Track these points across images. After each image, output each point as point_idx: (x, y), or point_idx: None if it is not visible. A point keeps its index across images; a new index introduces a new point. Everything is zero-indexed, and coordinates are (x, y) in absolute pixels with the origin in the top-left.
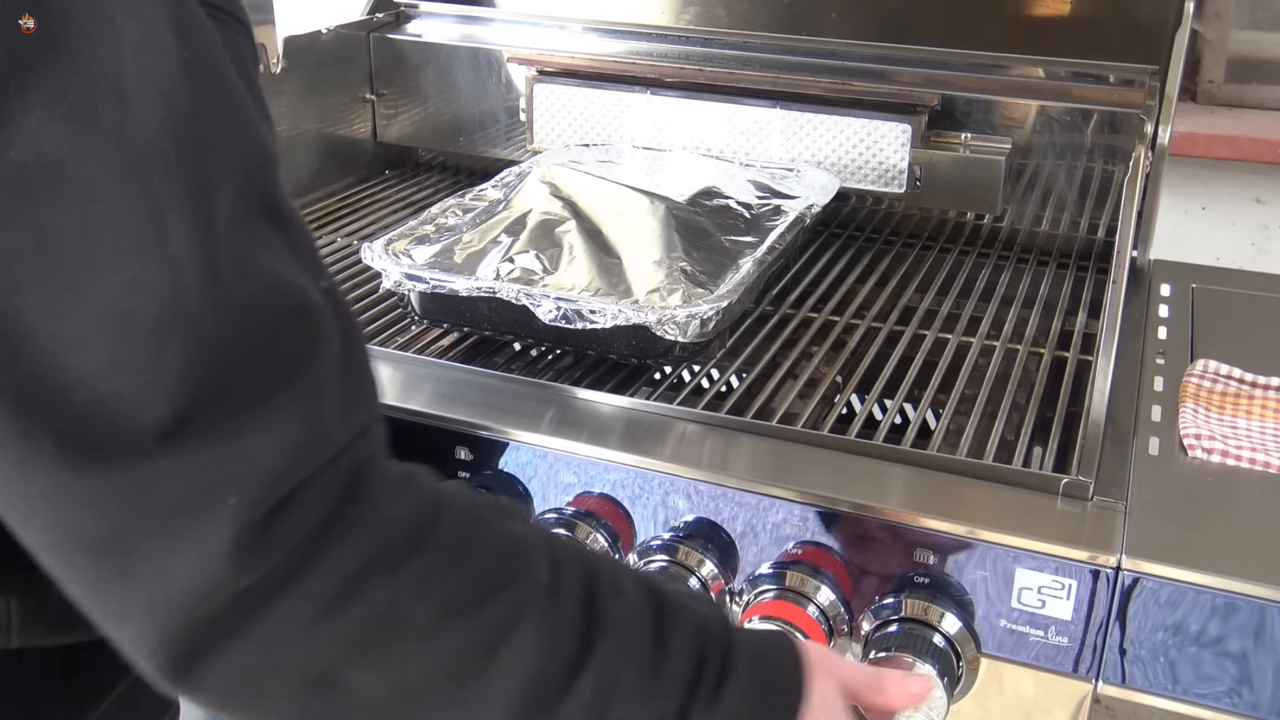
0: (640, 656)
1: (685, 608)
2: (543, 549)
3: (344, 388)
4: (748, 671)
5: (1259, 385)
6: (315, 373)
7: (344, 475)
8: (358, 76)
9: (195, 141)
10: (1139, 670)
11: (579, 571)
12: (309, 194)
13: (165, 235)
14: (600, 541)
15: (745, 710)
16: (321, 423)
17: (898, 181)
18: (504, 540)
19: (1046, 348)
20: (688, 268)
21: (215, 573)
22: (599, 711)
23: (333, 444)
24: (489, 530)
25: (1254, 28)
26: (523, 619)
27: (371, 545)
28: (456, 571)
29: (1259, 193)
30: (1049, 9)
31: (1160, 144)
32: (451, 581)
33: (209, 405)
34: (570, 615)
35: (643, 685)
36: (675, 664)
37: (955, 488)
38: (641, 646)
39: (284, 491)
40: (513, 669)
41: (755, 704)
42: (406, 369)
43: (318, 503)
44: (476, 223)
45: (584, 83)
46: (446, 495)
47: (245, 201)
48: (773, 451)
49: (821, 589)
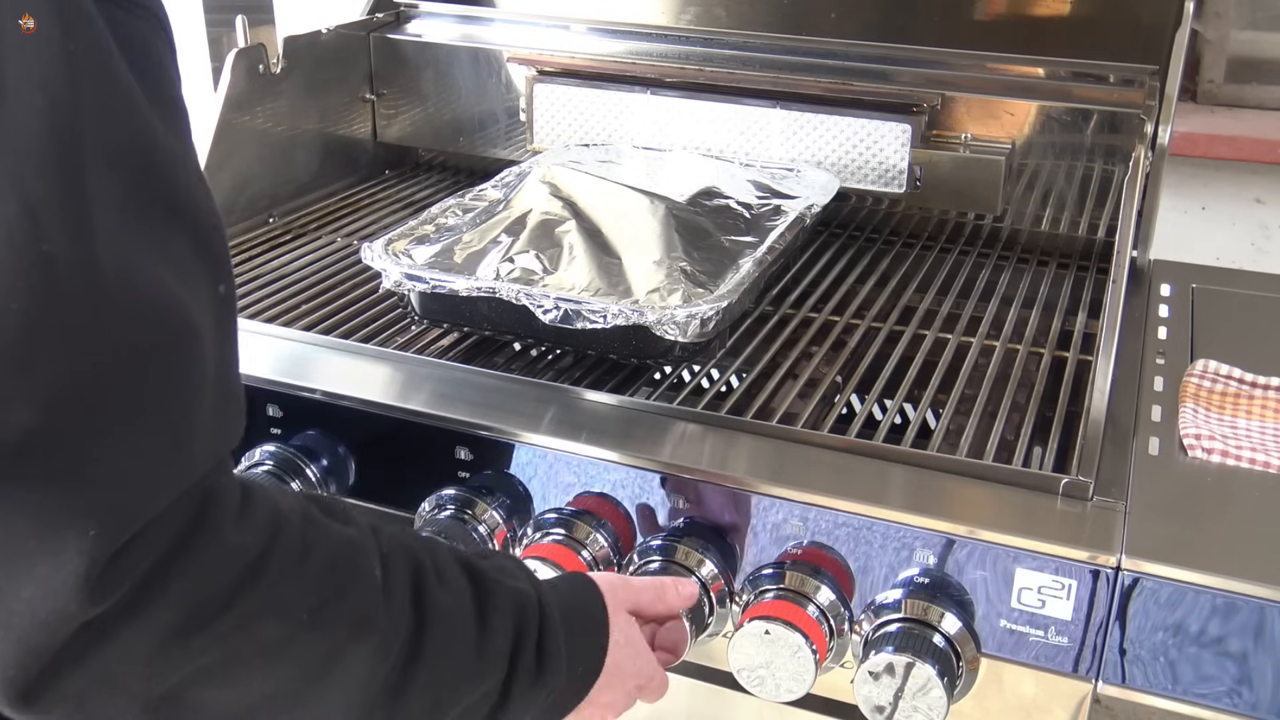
0: (466, 639)
1: (501, 584)
2: (373, 548)
3: (214, 415)
4: (562, 631)
5: (1259, 385)
6: (188, 397)
7: (193, 502)
8: (358, 76)
9: (75, 134)
10: (1139, 670)
11: (407, 564)
12: (309, 194)
13: (39, 231)
14: (600, 541)
15: (561, 669)
16: (189, 453)
17: (898, 181)
18: (338, 546)
19: (1046, 348)
20: (688, 268)
21: (63, 605)
22: (434, 698)
23: (193, 474)
24: (324, 539)
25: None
26: (361, 624)
27: (217, 572)
28: (297, 586)
29: (1259, 193)
30: (1049, 9)
31: (1160, 144)
32: (292, 597)
33: (73, 422)
34: (402, 611)
35: (470, 666)
36: (498, 641)
37: (955, 488)
38: (467, 630)
39: (141, 523)
40: (353, 672)
41: (570, 660)
42: (406, 369)
43: (166, 531)
44: (476, 223)
45: (584, 83)
46: (283, 510)
47: (135, 200)
48: (773, 451)
49: (821, 589)
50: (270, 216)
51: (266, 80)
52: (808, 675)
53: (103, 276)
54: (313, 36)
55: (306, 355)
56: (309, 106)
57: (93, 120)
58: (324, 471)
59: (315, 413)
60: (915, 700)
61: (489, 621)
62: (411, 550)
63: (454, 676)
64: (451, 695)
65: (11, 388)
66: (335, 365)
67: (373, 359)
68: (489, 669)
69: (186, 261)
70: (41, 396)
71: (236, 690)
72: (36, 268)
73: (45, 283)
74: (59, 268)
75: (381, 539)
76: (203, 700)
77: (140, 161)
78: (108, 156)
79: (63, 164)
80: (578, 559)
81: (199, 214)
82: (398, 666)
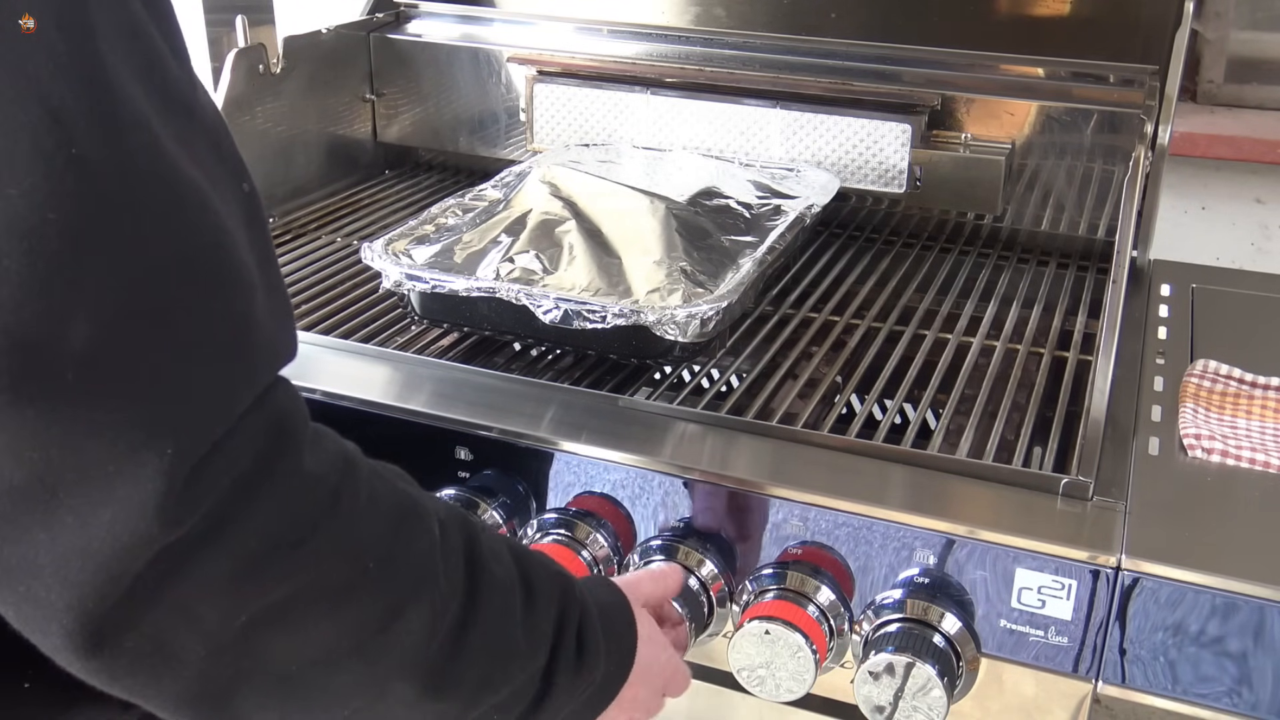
0: (514, 616)
1: (546, 567)
2: (431, 509)
3: (267, 317)
4: (599, 623)
5: (1259, 385)
6: (239, 298)
7: (268, 422)
8: (358, 76)
9: (88, 31)
10: (1139, 670)
11: (461, 531)
12: (309, 194)
13: (66, 135)
14: (600, 541)
15: (599, 660)
16: (250, 357)
17: (898, 181)
18: (402, 497)
19: (1046, 348)
20: (688, 268)
21: (145, 528)
22: (484, 672)
23: (257, 382)
24: (389, 487)
25: (1254, 28)
26: (422, 580)
27: (296, 499)
28: (367, 529)
29: (1259, 193)
30: (1049, 9)
31: (1160, 144)
32: (362, 540)
33: (135, 331)
34: (458, 575)
35: (519, 643)
36: (543, 623)
37: (955, 488)
38: (515, 606)
39: (216, 436)
40: (413, 628)
41: (607, 651)
42: (406, 369)
43: (244, 452)
44: (476, 223)
45: (584, 83)
46: (349, 450)
47: (156, 100)
48: (773, 451)
49: (821, 589)
50: (270, 216)
51: (266, 80)
52: (808, 675)
53: (138, 177)
54: (313, 36)
55: (306, 355)
56: (309, 106)
57: (105, 20)
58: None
59: (315, 413)
60: (915, 700)
61: (535, 602)
62: (465, 519)
63: (503, 652)
64: (501, 672)
65: (67, 301)
66: (335, 365)
67: (373, 359)
68: (536, 649)
69: (209, 162)
70: (96, 306)
71: (301, 636)
72: (69, 172)
73: (80, 187)
74: (92, 169)
75: (437, 503)
76: (268, 649)
77: (152, 61)
78: (124, 56)
79: (80, 62)
80: (578, 559)
81: (212, 117)
82: (453, 631)
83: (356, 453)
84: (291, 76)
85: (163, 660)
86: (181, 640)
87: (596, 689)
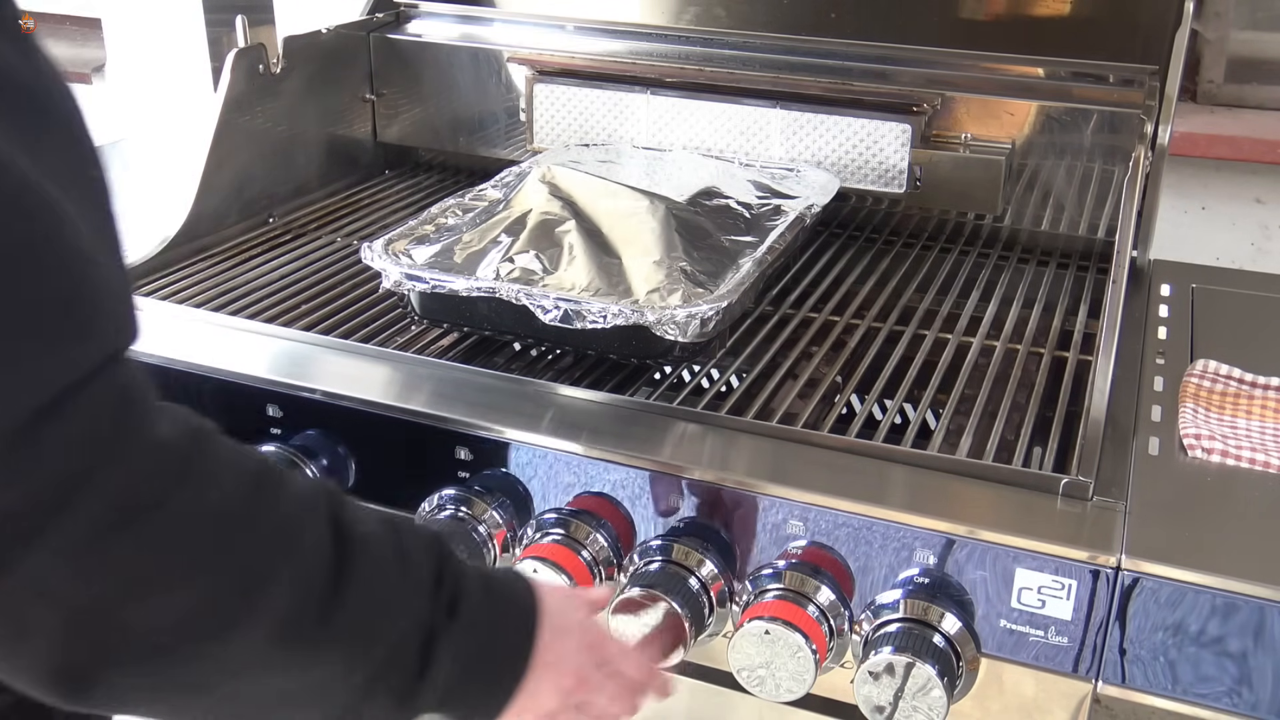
0: (388, 571)
1: (412, 523)
2: (292, 475)
3: (107, 294)
4: (479, 587)
5: (1259, 385)
6: (69, 279)
7: (109, 394)
8: (358, 76)
9: None
10: (1139, 670)
11: (325, 497)
12: (309, 194)
13: None
14: (600, 541)
15: (482, 620)
16: (82, 333)
17: (898, 181)
18: (259, 465)
19: (1046, 348)
20: (688, 268)
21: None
22: (364, 627)
23: (90, 358)
24: (245, 455)
25: (1254, 28)
26: (289, 539)
27: (145, 469)
28: (222, 496)
29: (1259, 193)
30: (1049, 9)
31: (1160, 144)
32: (218, 507)
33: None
34: (325, 539)
35: (393, 598)
36: (419, 575)
37: (955, 488)
38: (387, 556)
39: (38, 404)
40: (283, 589)
41: (490, 616)
42: (406, 369)
43: (82, 420)
44: (476, 223)
45: (584, 83)
46: (197, 419)
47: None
48: (773, 451)
49: (821, 589)
50: (270, 216)
51: (266, 80)
52: (808, 675)
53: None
54: (313, 36)
55: (306, 355)
56: (309, 106)
57: None
58: (324, 471)
59: (315, 413)
60: (915, 700)
61: (409, 565)
62: (329, 486)
63: (382, 604)
64: (381, 625)
65: None
66: (335, 365)
67: (373, 359)
68: (411, 604)
69: (49, 149)
70: None
71: (162, 605)
72: None
73: None
74: None
75: (299, 472)
76: (129, 619)
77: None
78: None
79: None
80: (578, 559)
81: (61, 102)
82: (324, 594)
83: (211, 426)
84: (291, 76)
85: (17, 633)
86: (36, 613)
87: (496, 653)
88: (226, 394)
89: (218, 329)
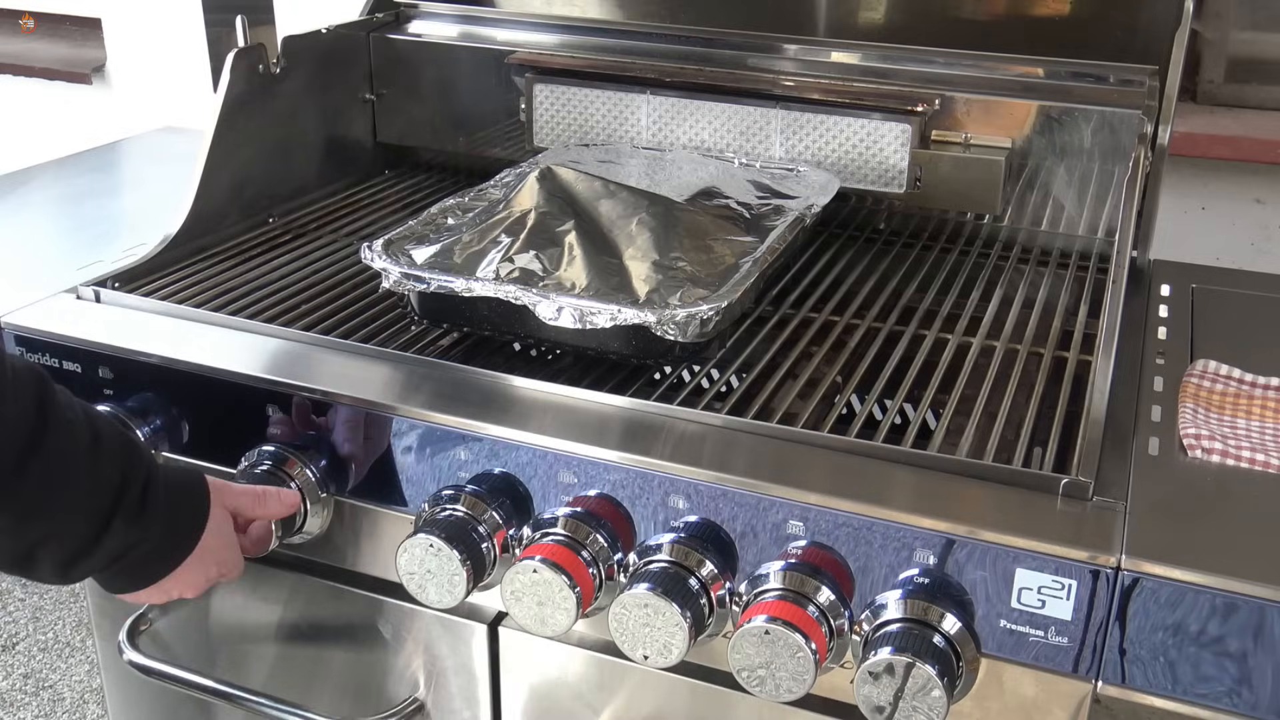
0: (81, 458)
1: (112, 426)
2: (2, 354)
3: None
4: (164, 490)
5: (1259, 385)
6: None
7: None
8: (358, 76)
9: None
10: (1139, 670)
11: (32, 375)
12: (309, 194)
13: None
14: (600, 541)
15: (156, 525)
16: None
17: (898, 181)
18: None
19: (1046, 348)
20: (688, 268)
21: None
22: (45, 495)
23: None
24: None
25: (1254, 28)
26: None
27: None
28: None
29: (1259, 193)
30: (1049, 9)
31: (1160, 144)
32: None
33: None
34: (29, 408)
35: (81, 481)
36: (108, 470)
37: (955, 488)
38: (82, 450)
39: None
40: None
41: (169, 521)
42: (406, 369)
43: None
44: (476, 223)
45: (584, 83)
46: None
47: None
48: (773, 451)
49: (821, 589)
50: (270, 216)
51: (266, 80)
52: (808, 675)
53: None
54: (312, 36)
55: (307, 355)
56: (309, 106)
57: None
58: (320, 470)
59: (315, 413)
60: (915, 700)
61: (102, 452)
62: (40, 371)
63: (65, 483)
64: (60, 501)
65: None
66: (335, 365)
67: (373, 359)
68: (97, 491)
69: None
70: None
71: None
72: None
73: None
74: None
75: (11, 355)
76: None
77: None
78: None
79: None
80: (578, 559)
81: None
82: (19, 452)
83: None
84: (291, 76)
85: None
86: None
87: (150, 554)
88: (227, 394)
89: (218, 329)
